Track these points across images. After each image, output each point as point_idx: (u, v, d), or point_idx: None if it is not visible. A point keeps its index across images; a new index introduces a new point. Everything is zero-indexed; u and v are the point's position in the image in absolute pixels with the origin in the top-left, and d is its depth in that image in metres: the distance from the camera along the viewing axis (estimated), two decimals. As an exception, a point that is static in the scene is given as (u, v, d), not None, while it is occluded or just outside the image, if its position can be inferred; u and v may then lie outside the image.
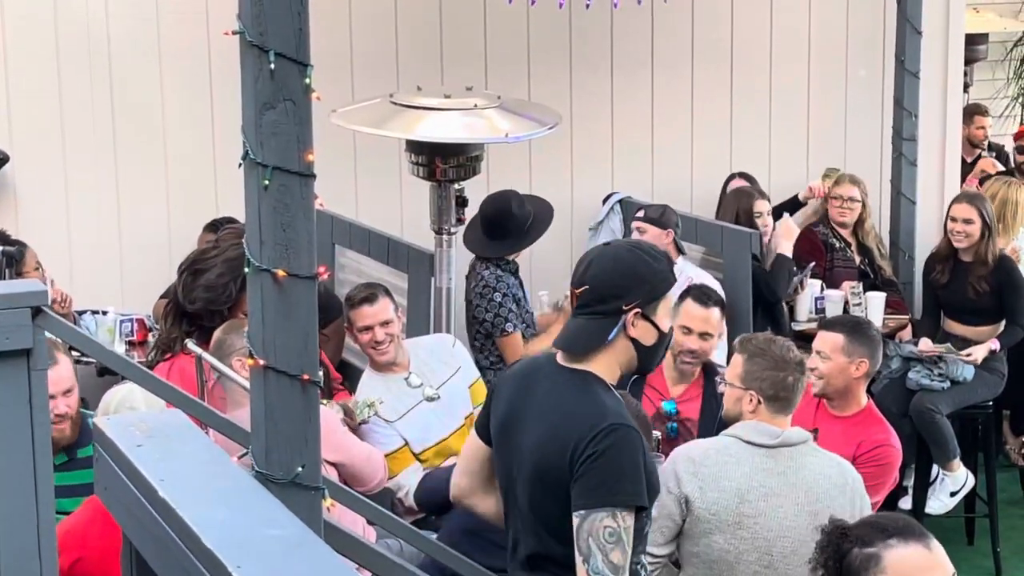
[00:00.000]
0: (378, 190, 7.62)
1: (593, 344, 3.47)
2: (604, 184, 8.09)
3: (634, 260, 3.51)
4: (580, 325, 3.50)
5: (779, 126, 8.39)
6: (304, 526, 2.32)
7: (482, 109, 5.95)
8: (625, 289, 3.47)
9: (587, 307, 3.50)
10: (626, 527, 3.28)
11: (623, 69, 8.10)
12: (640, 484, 3.33)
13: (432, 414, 5.68)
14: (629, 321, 3.47)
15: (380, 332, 5.70)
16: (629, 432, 3.35)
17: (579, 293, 3.51)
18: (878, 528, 2.92)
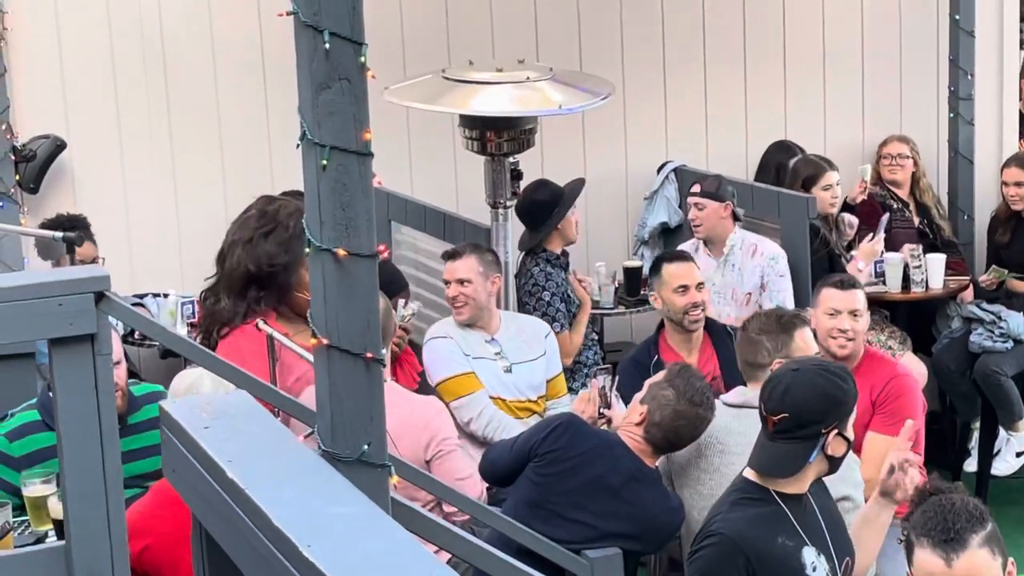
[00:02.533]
0: (432, 166, 7.63)
1: (796, 467, 3.66)
2: (659, 153, 8.07)
3: (829, 385, 3.70)
4: (781, 450, 3.66)
5: (833, 90, 8.33)
6: (372, 503, 2.33)
7: (534, 82, 5.95)
8: (824, 414, 3.66)
9: (786, 432, 3.66)
10: None
11: (675, 38, 8.06)
12: None
13: (499, 377, 5.80)
14: (829, 442, 3.65)
15: (455, 288, 5.81)
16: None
17: (777, 420, 3.66)
18: (923, 521, 2.97)
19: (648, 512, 4.52)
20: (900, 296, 7.42)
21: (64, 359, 3.21)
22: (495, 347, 5.87)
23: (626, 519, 4.50)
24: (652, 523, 4.53)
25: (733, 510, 3.67)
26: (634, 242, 8.08)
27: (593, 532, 4.46)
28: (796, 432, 3.65)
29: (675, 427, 4.52)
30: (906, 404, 5.00)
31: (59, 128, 7.23)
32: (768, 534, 3.60)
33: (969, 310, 7.28)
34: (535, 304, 6.57)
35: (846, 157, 8.15)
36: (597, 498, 4.49)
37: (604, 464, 4.51)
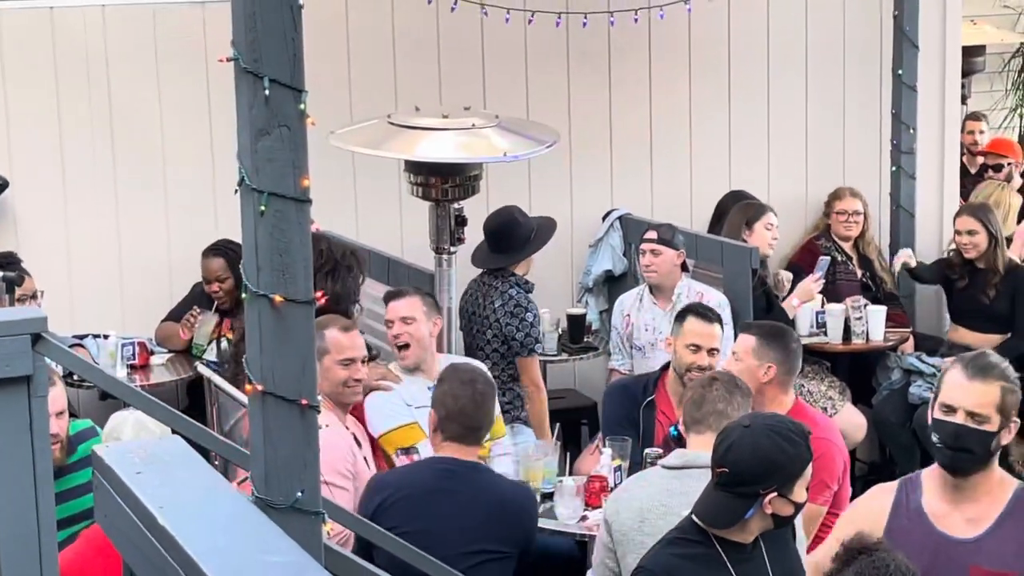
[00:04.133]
0: (377, 210, 7.63)
1: (731, 521, 3.67)
2: (604, 201, 8.10)
3: (772, 448, 3.69)
4: (720, 502, 3.69)
5: (778, 141, 8.40)
6: (304, 552, 2.32)
7: (480, 128, 5.96)
8: (762, 476, 3.66)
9: (726, 486, 3.68)
10: None
11: (621, 86, 8.11)
12: None
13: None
14: (766, 503, 3.65)
15: (399, 327, 5.75)
16: None
17: (718, 473, 3.71)
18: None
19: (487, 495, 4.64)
20: (841, 347, 7.48)
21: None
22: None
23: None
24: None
25: (668, 547, 3.69)
26: (578, 289, 8.10)
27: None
28: (734, 488, 3.67)
29: (460, 408, 4.72)
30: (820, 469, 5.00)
31: (1, 167, 7.19)
32: (701, 574, 3.60)
33: (909, 362, 7.34)
34: (518, 324, 6.61)
35: (789, 207, 8.22)
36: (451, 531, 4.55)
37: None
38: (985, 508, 3.63)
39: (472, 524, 4.60)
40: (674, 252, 6.82)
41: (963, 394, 3.60)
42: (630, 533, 4.44)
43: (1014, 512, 3.63)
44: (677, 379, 5.71)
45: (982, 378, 3.62)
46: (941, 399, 3.63)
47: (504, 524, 4.66)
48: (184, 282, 7.29)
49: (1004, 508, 3.62)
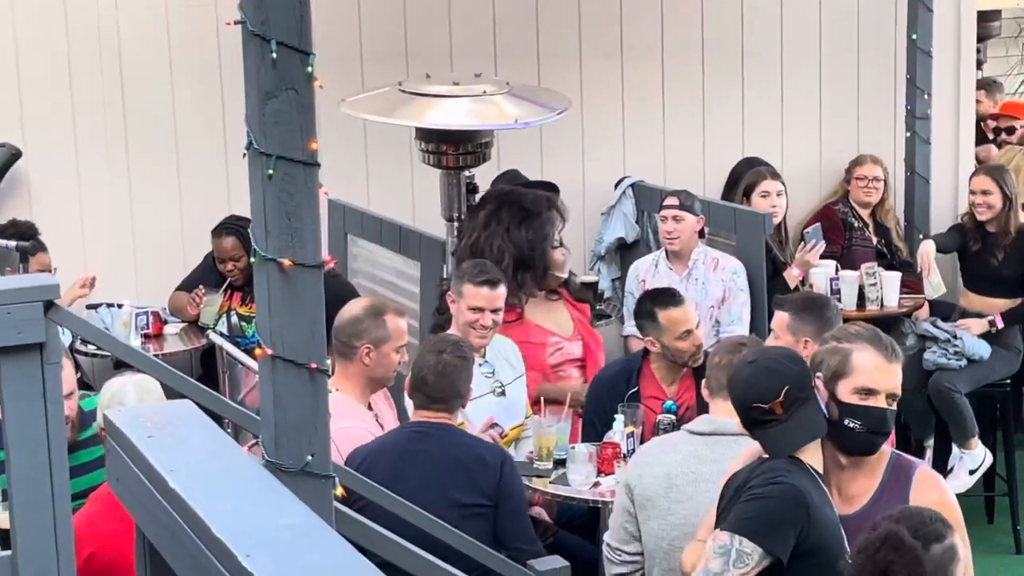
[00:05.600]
0: (389, 179, 7.62)
1: (824, 423, 3.58)
2: (616, 168, 8.08)
3: (789, 351, 3.82)
4: (802, 420, 3.56)
5: (791, 108, 8.36)
6: (313, 514, 2.32)
7: (491, 96, 5.95)
8: (804, 372, 3.62)
9: (796, 402, 3.57)
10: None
11: (633, 53, 8.07)
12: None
13: (498, 407, 5.69)
14: (820, 390, 3.59)
15: (489, 318, 5.59)
16: None
17: (784, 399, 3.57)
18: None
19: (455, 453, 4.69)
20: (855, 314, 7.44)
21: (12, 368, 3.20)
22: (489, 370, 5.76)
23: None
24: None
25: (792, 470, 3.55)
26: (591, 257, 8.08)
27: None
28: (801, 395, 3.58)
29: (422, 377, 4.80)
30: None
31: (15, 137, 7.19)
32: (820, 499, 3.53)
33: (924, 328, 7.32)
34: None
35: (803, 174, 8.19)
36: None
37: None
38: (864, 482, 3.61)
39: (448, 479, 4.65)
40: (695, 218, 6.81)
41: (886, 377, 3.57)
42: (655, 499, 4.43)
43: (891, 483, 3.61)
44: (668, 362, 5.68)
45: (897, 358, 3.63)
46: (857, 383, 3.55)
47: (479, 476, 4.69)
48: (196, 251, 7.30)
49: (881, 480, 3.61)
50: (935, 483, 3.68)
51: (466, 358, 4.89)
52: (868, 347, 3.58)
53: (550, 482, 5.35)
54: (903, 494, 3.58)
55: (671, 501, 4.39)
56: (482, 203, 5.77)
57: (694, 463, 4.42)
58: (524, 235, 5.61)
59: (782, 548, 3.46)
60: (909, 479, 3.62)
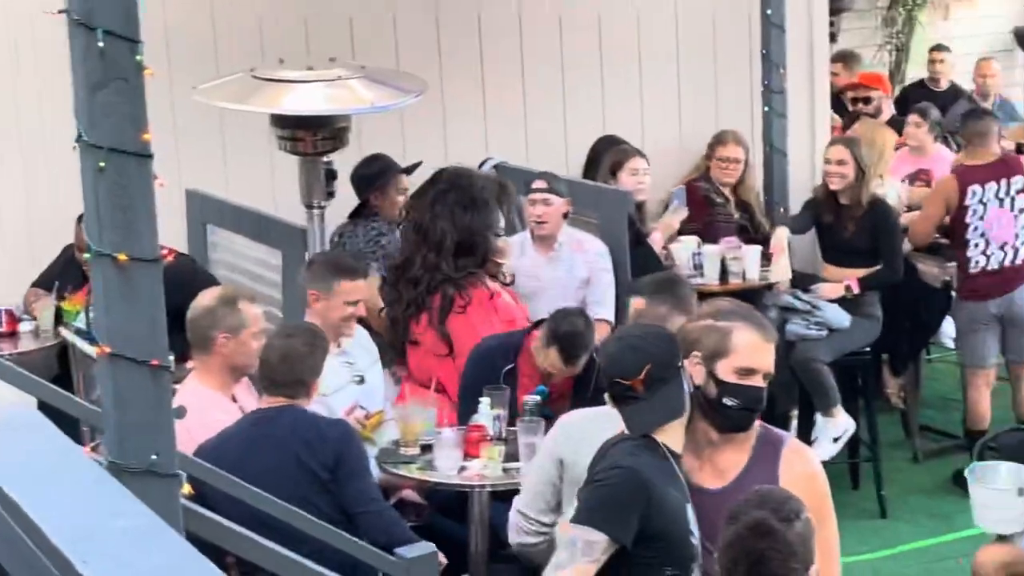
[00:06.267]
0: (247, 167, 7.50)
1: (684, 402, 3.57)
2: (478, 149, 8.04)
3: (659, 328, 3.79)
4: (662, 398, 3.56)
5: (650, 85, 8.40)
6: (154, 515, 2.26)
7: (346, 80, 5.90)
8: (673, 352, 3.60)
9: (658, 381, 3.56)
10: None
11: (491, 34, 8.05)
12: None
13: (359, 395, 5.67)
14: (690, 371, 3.57)
15: (363, 308, 5.66)
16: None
17: (644, 376, 3.56)
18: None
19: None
20: (718, 287, 7.51)
21: None
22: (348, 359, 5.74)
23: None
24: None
25: (636, 455, 3.57)
26: (455, 239, 8.04)
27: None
28: (663, 374, 3.58)
29: (266, 358, 4.83)
30: None
31: None
32: (664, 481, 3.55)
33: (785, 300, 7.40)
34: (379, 253, 6.63)
35: (664, 150, 8.23)
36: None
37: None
38: (735, 457, 3.63)
39: (294, 459, 4.64)
40: (561, 201, 6.81)
41: (764, 357, 3.58)
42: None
43: (760, 457, 3.64)
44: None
45: (773, 337, 3.65)
46: (737, 362, 3.54)
47: (321, 450, 4.68)
48: (47, 246, 7.12)
49: (751, 454, 3.63)
50: (803, 455, 3.71)
51: (314, 346, 4.85)
52: (747, 326, 3.59)
53: (417, 468, 5.32)
54: (772, 467, 3.61)
55: None
56: (432, 182, 5.80)
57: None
58: (468, 220, 5.60)
59: (626, 534, 3.47)
60: (778, 452, 3.64)
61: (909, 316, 7.96)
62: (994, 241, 7.40)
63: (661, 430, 3.59)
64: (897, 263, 7.41)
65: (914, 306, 7.99)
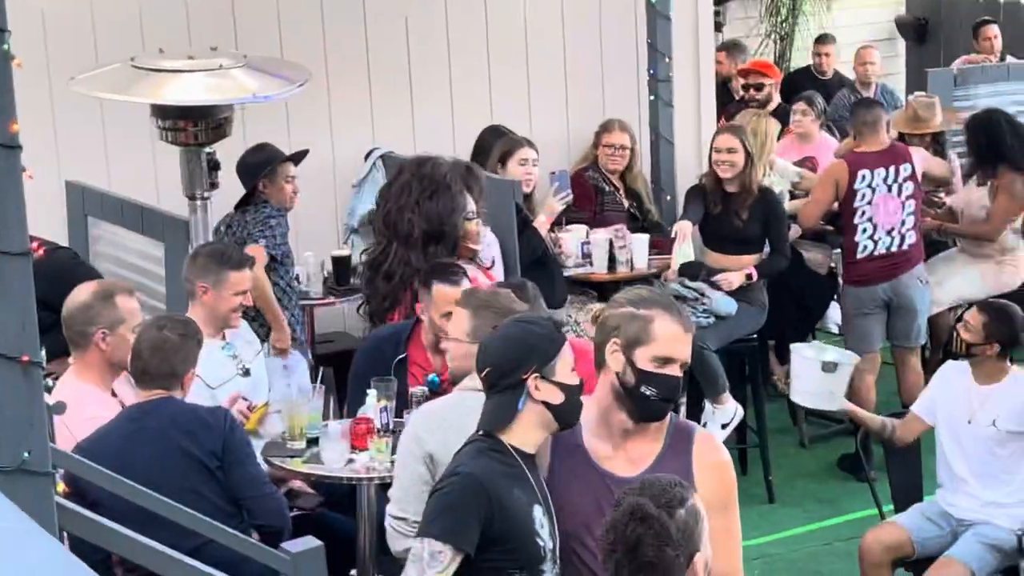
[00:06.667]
0: (129, 158, 7.39)
1: (509, 414, 3.62)
2: (365, 139, 8.01)
3: (520, 332, 3.70)
4: (494, 404, 3.66)
5: (537, 75, 8.40)
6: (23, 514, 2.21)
7: (228, 69, 5.83)
8: (519, 359, 3.63)
9: (494, 387, 3.65)
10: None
11: (377, 23, 8.00)
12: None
13: (245, 387, 5.61)
14: (532, 389, 3.61)
15: (250, 297, 5.64)
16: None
17: (483, 377, 3.68)
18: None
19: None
20: (607, 276, 7.55)
21: None
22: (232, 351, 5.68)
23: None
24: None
25: (478, 458, 3.62)
26: (344, 230, 8.00)
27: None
28: (500, 383, 3.63)
29: (137, 349, 4.75)
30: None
31: None
32: (507, 484, 3.57)
33: (673, 288, 7.43)
34: (268, 234, 6.61)
35: (551, 141, 8.24)
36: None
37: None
38: (647, 445, 3.65)
39: (177, 451, 4.59)
40: None
41: (682, 347, 3.58)
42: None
43: (673, 446, 3.66)
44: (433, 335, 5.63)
45: (691, 328, 3.66)
46: (656, 351, 3.53)
47: (205, 438, 4.65)
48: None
49: (664, 443, 3.65)
50: (713, 444, 3.74)
51: (186, 336, 4.78)
52: (668, 316, 3.58)
53: (303, 462, 5.27)
54: (685, 456, 3.63)
55: None
56: (398, 174, 5.75)
57: None
58: (435, 208, 5.55)
59: (468, 542, 3.51)
60: (690, 442, 3.65)
61: (795, 303, 8.05)
62: (881, 227, 7.50)
63: (510, 430, 3.63)
64: (787, 250, 7.49)
65: (800, 293, 8.09)
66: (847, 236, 7.58)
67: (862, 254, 7.53)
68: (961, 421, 5.74)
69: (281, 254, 6.78)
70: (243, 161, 6.92)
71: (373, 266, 5.75)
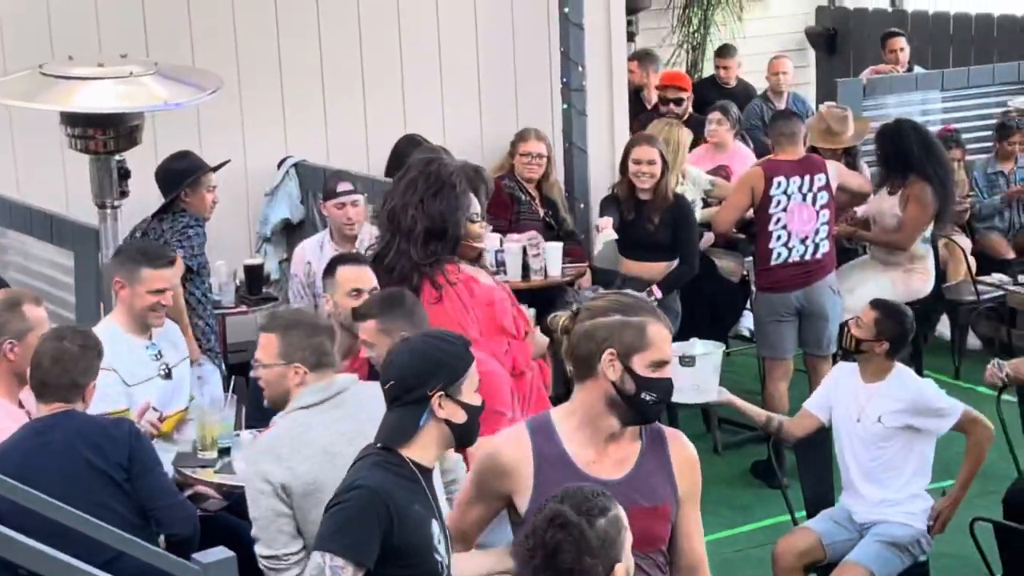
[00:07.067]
0: (38, 166, 7.32)
1: (409, 431, 3.62)
2: (278, 148, 7.98)
3: (428, 348, 3.69)
4: (395, 418, 3.65)
5: (450, 83, 8.41)
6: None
7: (138, 77, 5.78)
8: (425, 375, 3.63)
9: (397, 400, 3.64)
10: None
11: (290, 31, 7.98)
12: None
13: (165, 389, 5.54)
14: (436, 407, 3.61)
15: (169, 296, 5.55)
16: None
17: (387, 389, 3.67)
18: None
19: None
20: (521, 284, 7.55)
21: None
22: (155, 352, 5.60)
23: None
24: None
25: (375, 471, 3.61)
26: (257, 239, 7.96)
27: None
28: (404, 398, 3.63)
29: (37, 361, 4.64)
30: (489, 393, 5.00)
31: None
32: (406, 498, 3.57)
33: (587, 296, 7.45)
34: (185, 244, 6.55)
35: (466, 148, 8.22)
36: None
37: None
38: (629, 446, 3.66)
39: (82, 464, 4.53)
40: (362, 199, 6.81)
41: (671, 348, 3.60)
42: (323, 478, 4.23)
43: (650, 444, 3.68)
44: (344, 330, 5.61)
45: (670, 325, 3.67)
46: (655, 356, 3.54)
47: (111, 450, 4.59)
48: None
49: (641, 443, 3.66)
50: (683, 441, 3.76)
51: (87, 348, 4.70)
52: (656, 320, 3.57)
53: (215, 472, 5.22)
54: (664, 453, 3.66)
55: (340, 469, 4.26)
56: (405, 171, 5.73)
57: (338, 425, 4.34)
58: (437, 206, 5.49)
59: (368, 556, 3.51)
60: (664, 439, 3.68)
61: (708, 310, 8.10)
62: (796, 234, 7.56)
63: (409, 444, 3.63)
64: (695, 259, 7.54)
65: (713, 300, 8.14)
66: (761, 243, 7.65)
67: (776, 261, 7.60)
68: (851, 420, 5.84)
69: (198, 265, 6.72)
70: (166, 169, 6.83)
71: (377, 259, 5.76)
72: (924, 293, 8.06)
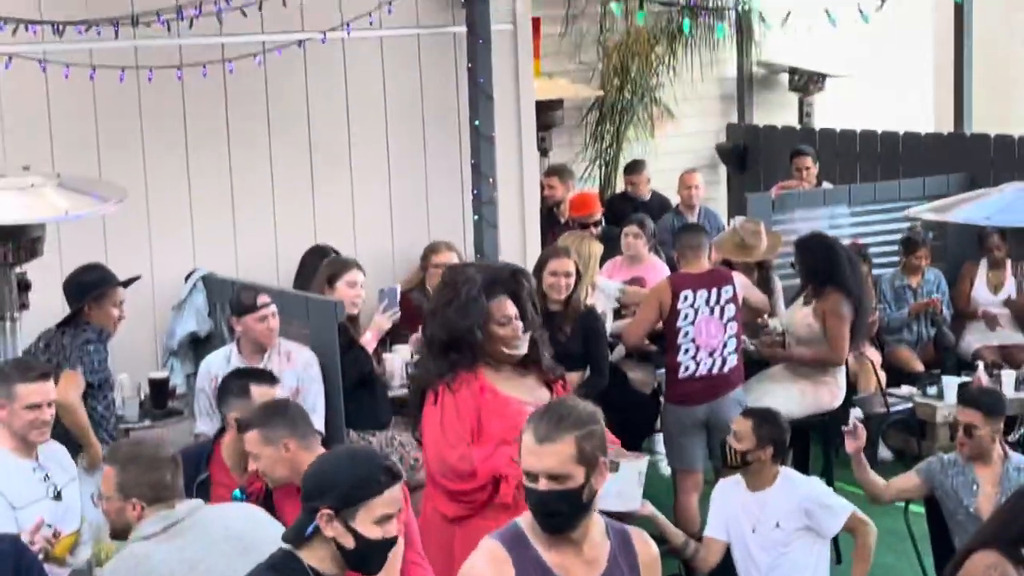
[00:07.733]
0: (-63, 278, 7.18)
1: (296, 534, 3.58)
2: (186, 261, 7.91)
3: (334, 463, 3.63)
4: (297, 518, 3.61)
5: (361, 195, 8.42)
6: None
7: (39, 188, 5.71)
8: (315, 489, 3.58)
9: (303, 500, 3.60)
10: None
11: (199, 144, 7.97)
12: None
13: (54, 511, 5.34)
14: (323, 523, 3.54)
15: (47, 412, 5.31)
16: None
17: (300, 484, 3.64)
18: None
19: None
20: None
21: None
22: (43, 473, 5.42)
23: None
24: None
25: (266, 573, 3.58)
26: (163, 352, 7.85)
27: None
28: (304, 503, 3.59)
29: None
30: None
31: None
32: None
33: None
34: (86, 360, 6.46)
35: (377, 260, 8.23)
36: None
37: None
38: (597, 547, 3.65)
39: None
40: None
41: (537, 460, 3.54)
42: None
43: (618, 542, 3.68)
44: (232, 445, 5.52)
45: (552, 439, 3.54)
46: (522, 466, 3.58)
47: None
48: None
49: (610, 542, 3.66)
50: (646, 539, 3.78)
51: None
52: (528, 427, 3.56)
53: (111, 590, 5.08)
54: (631, 551, 3.69)
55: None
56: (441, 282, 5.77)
57: (180, 553, 4.14)
58: (450, 315, 5.43)
59: None
60: (629, 538, 3.71)
61: (619, 422, 8.05)
62: (703, 348, 7.57)
63: (304, 549, 3.58)
64: (606, 369, 7.53)
65: (624, 412, 8.10)
66: (670, 355, 7.65)
67: (684, 374, 7.59)
68: (747, 533, 5.86)
69: (99, 380, 6.59)
70: (73, 280, 6.74)
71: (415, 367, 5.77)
72: (833, 406, 8.08)
